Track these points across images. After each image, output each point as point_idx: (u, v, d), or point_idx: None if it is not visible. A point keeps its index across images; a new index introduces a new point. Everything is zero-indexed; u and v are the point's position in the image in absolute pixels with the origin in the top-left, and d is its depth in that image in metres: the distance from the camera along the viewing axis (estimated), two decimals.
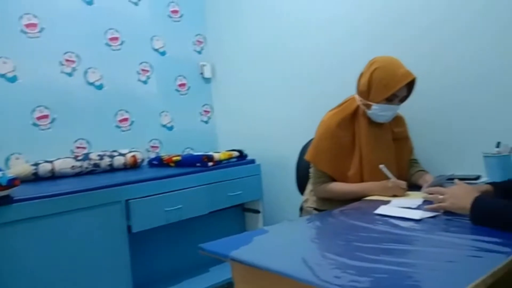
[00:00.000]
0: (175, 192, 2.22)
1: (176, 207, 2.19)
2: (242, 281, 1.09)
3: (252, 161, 2.69)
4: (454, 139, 1.98)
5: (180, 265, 2.46)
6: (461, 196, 1.21)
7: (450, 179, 1.55)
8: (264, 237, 1.22)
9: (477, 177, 1.80)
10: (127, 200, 2.03)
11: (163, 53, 3.00)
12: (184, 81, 3.11)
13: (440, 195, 1.30)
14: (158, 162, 2.66)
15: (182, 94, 3.10)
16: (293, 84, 2.67)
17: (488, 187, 1.39)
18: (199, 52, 3.20)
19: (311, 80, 2.56)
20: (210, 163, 2.43)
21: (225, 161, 2.53)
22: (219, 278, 2.35)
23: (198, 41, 3.20)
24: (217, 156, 2.49)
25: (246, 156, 2.70)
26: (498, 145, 1.73)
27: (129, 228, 2.04)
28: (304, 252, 1.05)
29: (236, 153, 2.61)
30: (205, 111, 3.24)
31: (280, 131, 2.78)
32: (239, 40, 3.01)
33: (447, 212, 1.27)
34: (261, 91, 2.88)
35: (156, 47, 2.97)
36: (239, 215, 2.82)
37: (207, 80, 3.24)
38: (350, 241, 1.10)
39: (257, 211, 2.72)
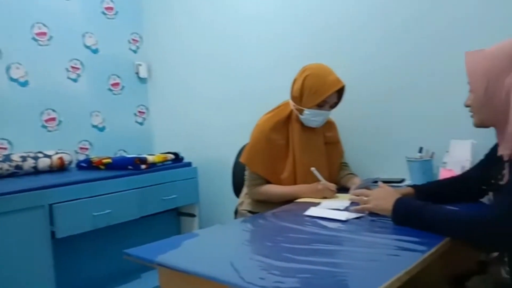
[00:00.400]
0: (104, 196, 2.13)
1: (105, 212, 2.10)
2: (169, 286, 1.06)
3: (189, 164, 2.65)
4: (381, 145, 2.08)
5: (109, 272, 2.35)
6: (384, 198, 1.26)
7: (376, 182, 1.63)
8: (194, 241, 1.19)
9: (402, 180, 1.90)
10: (51, 205, 1.92)
11: (95, 51, 2.86)
12: (117, 81, 2.99)
13: (365, 197, 1.35)
14: (87, 165, 2.52)
15: (115, 94, 2.98)
16: (230, 86, 2.67)
17: (410, 189, 1.47)
18: (135, 51, 3.10)
19: (248, 83, 2.57)
20: (143, 166, 2.35)
21: (159, 164, 2.47)
22: (150, 284, 2.27)
23: (134, 39, 3.09)
24: (150, 158, 2.41)
25: (182, 159, 2.65)
26: (420, 150, 1.84)
27: (52, 233, 1.92)
28: (232, 255, 1.04)
29: (171, 156, 2.55)
30: (140, 112, 3.13)
31: (217, 134, 2.75)
32: (177, 40, 2.95)
33: (372, 213, 1.32)
34: (199, 93, 2.84)
35: (88, 44, 2.83)
36: (174, 220, 2.76)
37: (143, 80, 3.14)
38: (278, 242, 1.10)
39: (193, 215, 2.67)
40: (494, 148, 1.29)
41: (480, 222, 1.00)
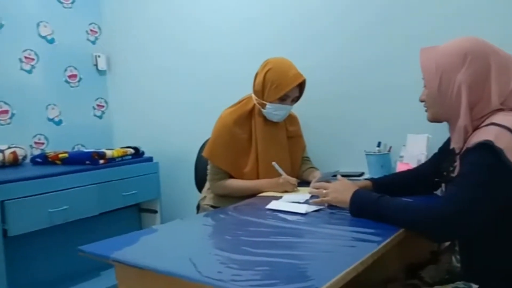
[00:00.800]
0: (61, 192, 2.06)
1: (61, 208, 2.04)
2: (126, 282, 1.04)
3: (150, 159, 2.60)
4: (342, 139, 2.12)
5: (67, 270, 2.27)
6: (342, 191, 1.29)
7: (335, 175, 1.65)
8: (152, 237, 1.18)
9: (361, 174, 1.95)
10: (2, 201, 1.84)
11: (51, 41, 2.75)
12: (75, 72, 2.88)
13: (324, 190, 1.37)
14: (42, 160, 2.42)
15: (72, 86, 2.87)
16: (193, 80, 2.63)
17: (368, 182, 1.50)
18: (93, 42, 3.00)
19: (211, 76, 2.55)
20: (101, 161, 2.29)
21: (118, 159, 2.40)
22: (110, 282, 2.22)
23: (92, 30, 2.99)
24: (109, 153, 2.35)
25: (142, 153, 2.59)
26: (378, 144, 1.89)
27: (4, 231, 1.85)
28: (191, 249, 1.03)
29: (131, 151, 2.50)
30: (99, 105, 3.04)
31: (179, 128, 2.71)
32: (137, 31, 2.87)
33: (331, 206, 1.34)
34: (160, 86, 2.79)
35: (43, 34, 2.71)
36: (135, 216, 2.70)
37: (102, 72, 3.04)
38: (238, 236, 1.10)
39: (155, 211, 2.63)
40: (447, 142, 1.34)
41: (430, 213, 1.03)
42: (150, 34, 2.81)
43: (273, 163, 1.72)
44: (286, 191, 1.70)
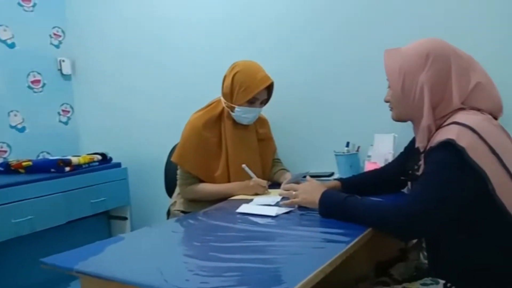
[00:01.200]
0: (25, 201, 2.01)
1: (26, 218, 1.98)
2: None
3: (118, 165, 2.55)
4: (312, 140, 2.13)
5: (34, 282, 2.19)
6: (311, 192, 1.29)
7: (305, 176, 1.66)
8: (118, 246, 1.14)
9: (331, 174, 1.97)
10: None
11: (11, 45, 2.64)
12: (38, 78, 2.78)
13: (294, 191, 1.37)
14: (5, 169, 2.33)
15: (36, 92, 2.77)
16: (161, 84, 2.59)
17: (337, 183, 1.52)
18: (57, 46, 2.90)
19: (179, 81, 2.51)
20: (67, 168, 2.23)
21: (85, 166, 2.35)
22: None
23: (55, 34, 2.90)
24: (75, 160, 2.29)
25: (110, 159, 2.54)
26: (347, 144, 1.91)
27: None
28: (158, 257, 1.01)
29: (98, 157, 2.44)
30: (64, 110, 2.94)
31: (147, 133, 2.66)
32: (102, 34, 2.81)
33: (301, 207, 1.35)
34: (127, 90, 2.73)
35: (4, 38, 2.61)
36: (104, 223, 2.65)
37: (67, 77, 2.95)
38: (207, 242, 1.09)
39: (124, 218, 2.58)
40: (412, 141, 1.37)
41: (396, 212, 1.05)
42: (116, 37, 2.75)
43: (243, 165, 1.72)
44: (257, 194, 1.69)
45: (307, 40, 2.09)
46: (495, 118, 1.14)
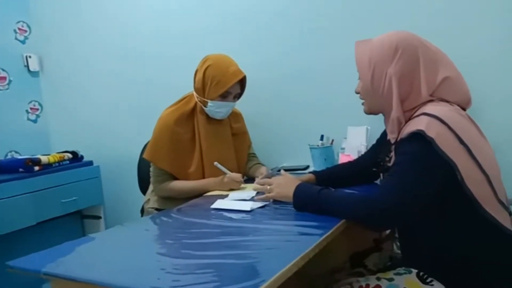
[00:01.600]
0: None
1: None
2: None
3: (89, 163, 2.49)
4: (287, 134, 2.14)
5: (4, 287, 2.12)
6: (285, 185, 1.29)
7: (280, 170, 1.66)
8: (88, 246, 1.11)
9: (307, 167, 1.97)
10: None
11: None
12: (3, 74, 2.68)
13: (269, 185, 1.36)
14: None
15: (1, 89, 2.67)
16: (132, 79, 2.54)
17: (311, 176, 1.52)
18: (22, 42, 2.80)
19: (150, 76, 2.47)
20: (36, 168, 2.16)
21: (55, 164, 2.28)
22: None
23: (20, 29, 2.79)
24: (45, 159, 2.22)
25: (82, 157, 2.47)
26: (322, 138, 1.92)
27: None
28: (129, 256, 0.98)
29: (69, 155, 2.38)
30: (33, 108, 2.85)
31: (120, 130, 2.61)
32: (71, 29, 2.73)
33: (276, 201, 1.34)
34: (98, 86, 2.67)
35: None
36: (77, 223, 2.59)
37: (34, 74, 2.86)
38: (180, 239, 1.07)
39: (98, 217, 2.52)
40: (384, 133, 1.38)
41: (368, 203, 1.06)
42: (84, 32, 2.68)
43: (215, 163, 1.70)
44: (232, 189, 1.68)
45: (280, 34, 2.09)
46: (464, 109, 1.16)
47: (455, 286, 1.03)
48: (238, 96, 1.84)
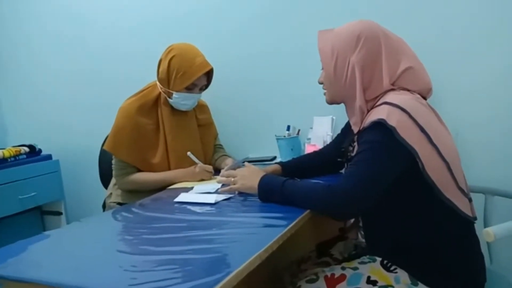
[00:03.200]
0: None
1: None
2: None
3: (48, 157, 2.39)
4: (253, 125, 2.12)
5: None
6: (249, 177, 1.27)
7: (249, 161, 1.64)
8: (43, 244, 1.05)
9: (274, 158, 1.96)
10: None
11: None
12: None
13: (233, 177, 1.34)
14: None
15: None
16: (91, 67, 2.45)
17: (277, 166, 1.51)
18: None
19: (110, 64, 2.39)
20: None
21: (11, 159, 2.18)
22: None
23: None
24: None
25: (39, 151, 2.37)
26: (288, 128, 1.91)
27: None
28: (85, 254, 0.94)
29: (25, 149, 2.27)
30: None
31: (79, 121, 2.52)
32: (27, 23, 2.60)
33: (241, 193, 1.32)
34: (55, 77, 2.56)
35: None
36: (37, 220, 2.48)
37: None
38: (140, 235, 1.03)
39: (59, 213, 2.43)
40: (348, 123, 1.38)
41: (328, 192, 1.05)
42: (40, 24, 2.56)
43: (188, 153, 1.65)
44: (202, 180, 1.65)
45: (244, 20, 2.06)
46: (424, 98, 1.17)
47: (418, 273, 1.05)
48: (205, 87, 1.79)
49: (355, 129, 1.15)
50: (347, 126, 1.39)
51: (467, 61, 1.68)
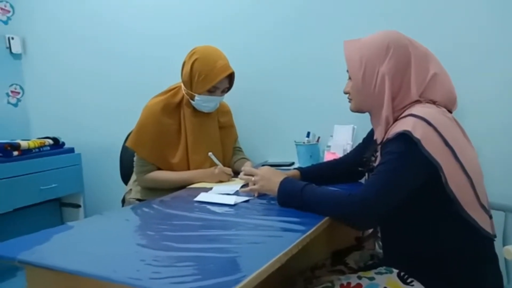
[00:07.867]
0: None
1: None
2: (36, 285, 0.94)
3: (71, 150, 2.44)
4: (273, 130, 2.14)
5: None
6: (270, 179, 1.27)
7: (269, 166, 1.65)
8: (67, 234, 1.08)
9: (292, 163, 1.97)
10: None
11: None
12: None
13: (253, 176, 1.34)
14: None
15: None
16: (117, 65, 2.49)
17: (296, 172, 1.51)
18: (5, 23, 2.72)
19: (137, 64, 2.43)
20: (15, 153, 2.11)
21: (35, 150, 2.22)
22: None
23: (3, 9, 2.71)
24: (24, 144, 2.17)
25: (63, 144, 2.42)
26: (308, 135, 1.92)
27: None
28: (108, 246, 0.96)
29: (49, 141, 2.33)
30: (14, 91, 2.78)
31: (103, 117, 2.57)
32: (55, 12, 2.65)
33: (261, 195, 1.33)
34: (82, 72, 2.61)
35: None
36: (56, 211, 2.53)
37: (16, 56, 2.78)
38: (161, 231, 1.05)
39: (78, 205, 2.48)
40: (371, 132, 1.38)
41: (349, 200, 1.05)
42: (70, 12, 2.61)
43: (210, 153, 1.67)
44: (220, 181, 1.66)
45: (269, 30, 2.08)
46: (450, 111, 1.16)
47: (435, 287, 1.04)
48: (227, 90, 1.81)
49: (379, 139, 1.15)
50: (370, 135, 1.39)
51: (492, 74, 1.67)
